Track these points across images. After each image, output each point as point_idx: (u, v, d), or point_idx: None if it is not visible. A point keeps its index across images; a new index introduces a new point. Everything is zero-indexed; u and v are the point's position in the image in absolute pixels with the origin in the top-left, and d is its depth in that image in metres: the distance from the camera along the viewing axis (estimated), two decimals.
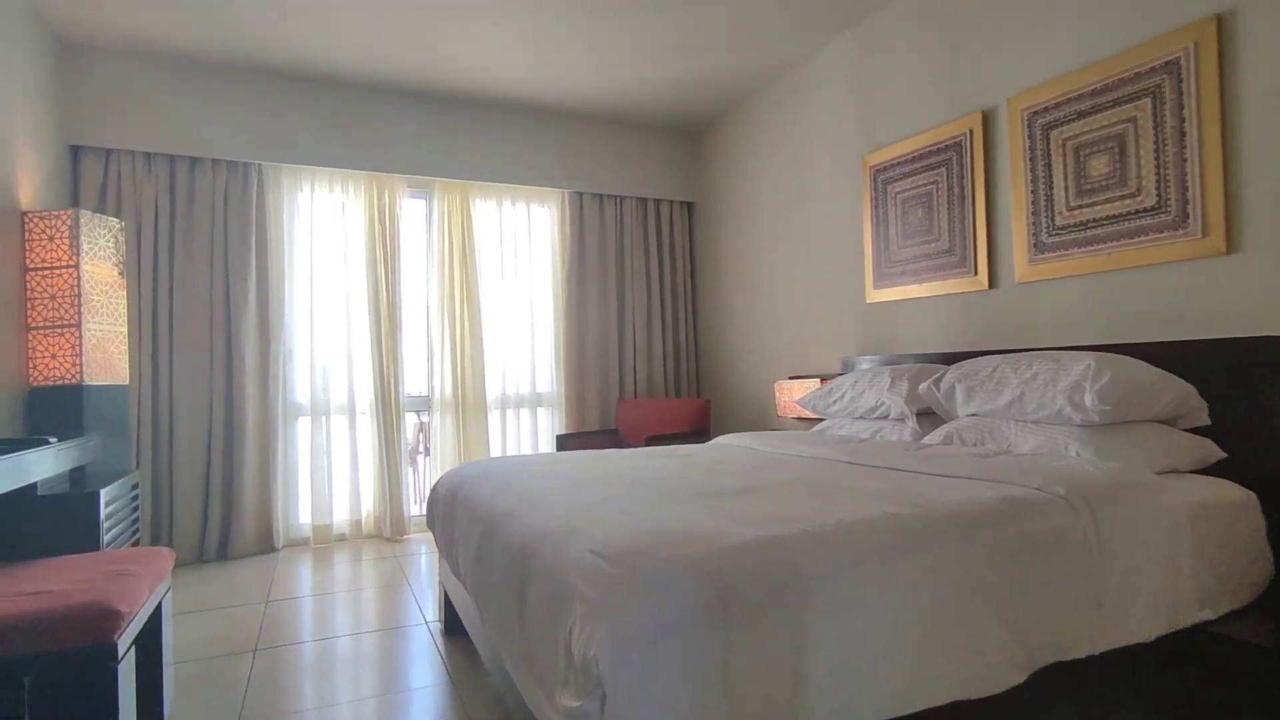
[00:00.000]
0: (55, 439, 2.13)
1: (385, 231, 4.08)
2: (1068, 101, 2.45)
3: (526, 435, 4.55)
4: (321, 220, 4.03)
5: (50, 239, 2.85)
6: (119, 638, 1.43)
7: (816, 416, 3.35)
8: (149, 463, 3.52)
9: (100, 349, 2.93)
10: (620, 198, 4.74)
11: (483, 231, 4.41)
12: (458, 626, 2.50)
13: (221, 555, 3.65)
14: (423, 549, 3.77)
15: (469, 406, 4.27)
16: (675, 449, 2.72)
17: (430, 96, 4.19)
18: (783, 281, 4.05)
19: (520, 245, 4.54)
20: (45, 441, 2.06)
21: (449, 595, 2.41)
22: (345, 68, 3.77)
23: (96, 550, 2.31)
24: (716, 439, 3.00)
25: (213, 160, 3.71)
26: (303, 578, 3.28)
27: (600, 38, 3.50)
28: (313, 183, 4.00)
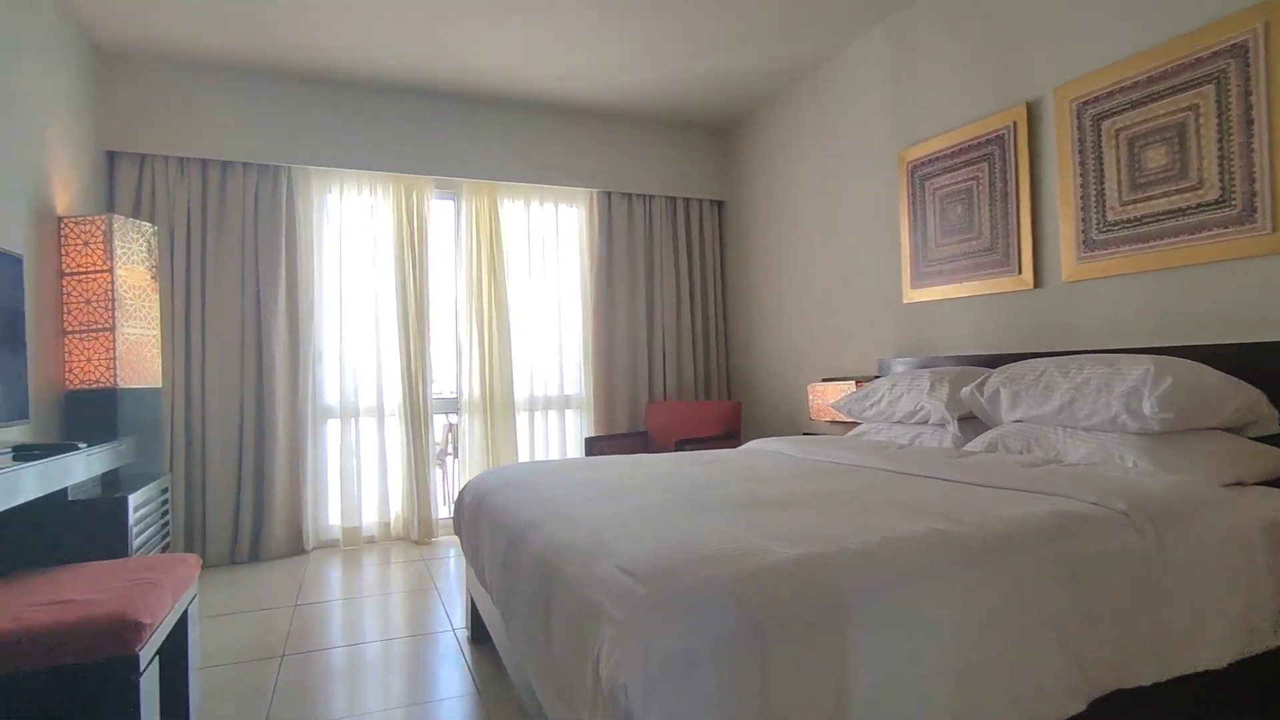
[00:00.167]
0: (85, 445, 2.13)
1: (413, 233, 4.07)
2: (1120, 90, 2.32)
3: (555, 438, 4.51)
4: (350, 222, 4.03)
5: (85, 244, 2.88)
6: (141, 650, 1.41)
7: (851, 420, 3.24)
8: (181, 465, 3.55)
9: (134, 352, 2.96)
10: (649, 197, 4.68)
11: (511, 232, 4.38)
12: (485, 635, 2.46)
13: (253, 557, 3.68)
14: (450, 552, 3.75)
15: (497, 408, 4.24)
16: (707, 454, 2.65)
17: (458, 97, 4.17)
18: (816, 282, 3.95)
19: (548, 245, 4.50)
20: (74, 447, 2.07)
21: (475, 603, 2.37)
22: (373, 70, 3.77)
23: (125, 556, 2.31)
24: (749, 444, 2.92)
25: (244, 164, 3.73)
26: (331, 581, 3.28)
27: (632, 33, 3.44)
28: (341, 185, 4.00)
